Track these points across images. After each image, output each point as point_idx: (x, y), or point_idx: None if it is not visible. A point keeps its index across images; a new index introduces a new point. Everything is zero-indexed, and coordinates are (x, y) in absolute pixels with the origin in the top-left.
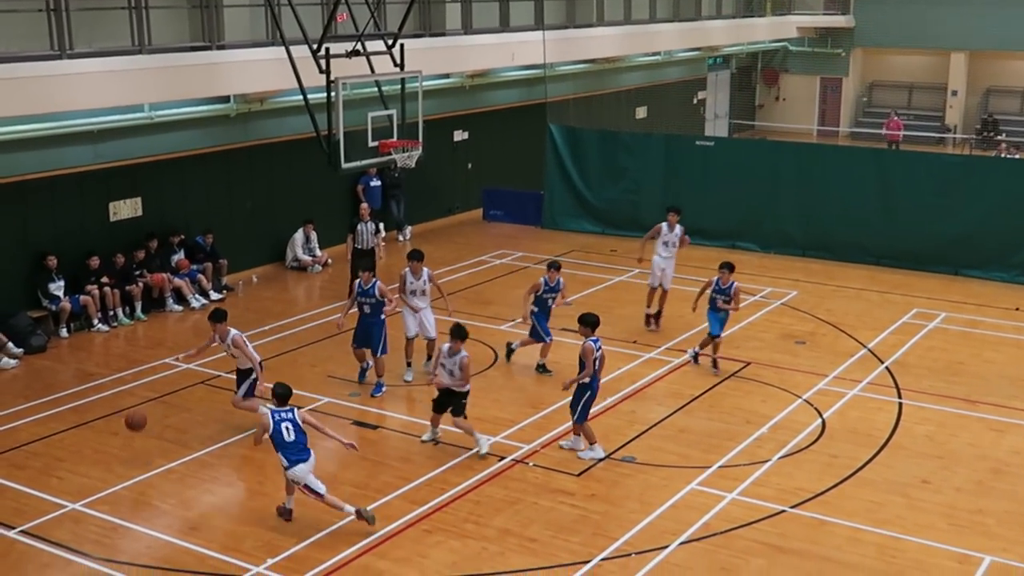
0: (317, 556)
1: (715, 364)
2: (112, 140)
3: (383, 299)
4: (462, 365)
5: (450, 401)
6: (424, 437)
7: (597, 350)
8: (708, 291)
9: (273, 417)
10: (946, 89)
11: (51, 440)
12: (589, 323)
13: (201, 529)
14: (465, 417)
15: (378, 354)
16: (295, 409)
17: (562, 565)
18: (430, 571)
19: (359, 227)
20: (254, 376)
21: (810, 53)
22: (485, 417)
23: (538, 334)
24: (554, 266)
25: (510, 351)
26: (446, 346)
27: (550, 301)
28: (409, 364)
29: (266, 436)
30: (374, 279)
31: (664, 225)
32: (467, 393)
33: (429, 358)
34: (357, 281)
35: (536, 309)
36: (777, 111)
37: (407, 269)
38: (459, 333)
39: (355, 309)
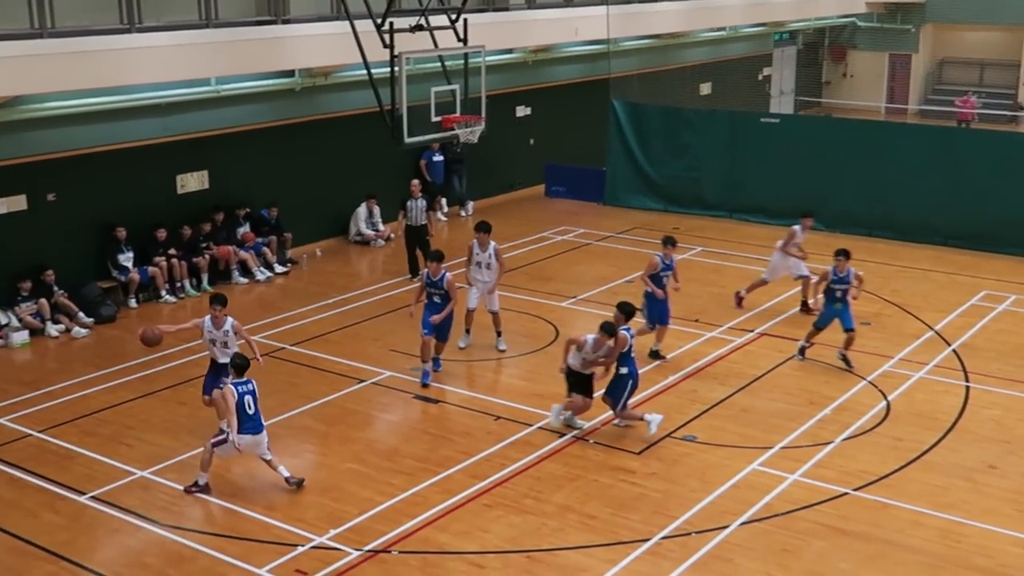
0: (379, 528)
1: (846, 359)
2: (179, 113)
3: (450, 291)
4: (608, 354)
5: (579, 383)
6: (553, 423)
7: (631, 338)
8: (825, 283)
9: (236, 389)
10: (1019, 66)
11: (120, 408)
12: (627, 312)
13: (265, 498)
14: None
15: (443, 341)
16: (252, 381)
17: (621, 543)
18: (490, 545)
19: (409, 203)
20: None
21: (879, 29)
22: (546, 393)
23: (652, 317)
24: (669, 242)
25: (658, 355)
26: (591, 337)
27: (665, 280)
28: (467, 331)
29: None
30: (443, 270)
31: (798, 228)
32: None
33: (499, 334)
34: (425, 271)
35: (650, 289)
36: (844, 88)
37: (474, 240)
38: (610, 329)
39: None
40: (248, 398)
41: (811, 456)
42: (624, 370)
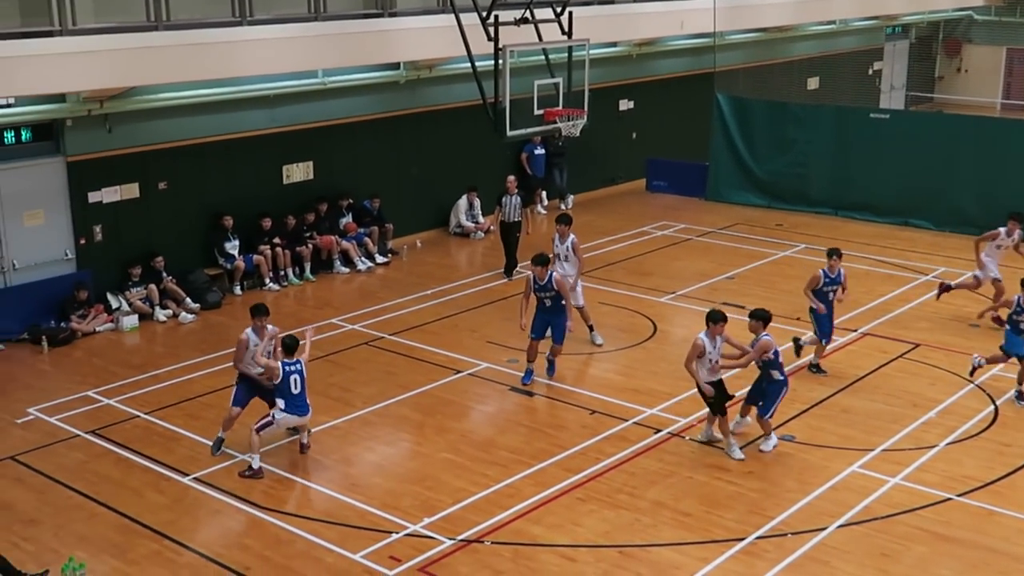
0: (472, 518)
1: (1021, 396)
2: (286, 105)
3: (560, 291)
4: (742, 356)
5: (723, 395)
6: (737, 455)
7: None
8: (1007, 310)
9: (284, 368)
10: None
11: (224, 392)
12: (763, 318)
13: (361, 485)
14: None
15: (558, 344)
16: (301, 361)
17: (716, 541)
18: (582, 539)
19: (504, 199)
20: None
21: (996, 22)
22: (642, 389)
23: (823, 331)
24: (835, 253)
25: (799, 347)
26: (703, 335)
27: (831, 295)
28: None
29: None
30: (549, 271)
31: (1003, 230)
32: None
33: (591, 328)
34: (530, 275)
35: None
36: (958, 83)
37: (555, 233)
38: (716, 316)
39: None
40: (295, 377)
41: (914, 460)
42: (780, 376)
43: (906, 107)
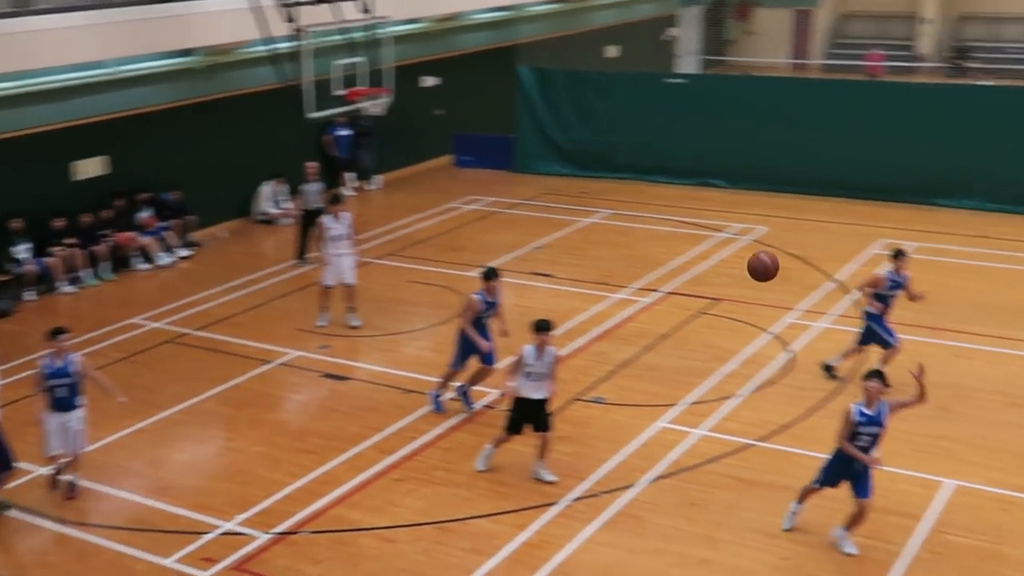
0: (287, 509)
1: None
2: (76, 97)
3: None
4: (555, 361)
5: (533, 415)
6: (478, 465)
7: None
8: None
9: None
10: (916, 18)
11: (19, 405)
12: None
13: (171, 488)
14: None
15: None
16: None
17: (533, 507)
18: (401, 519)
19: (302, 187)
20: None
21: None
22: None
23: (878, 337)
24: (900, 255)
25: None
26: (530, 347)
27: (890, 298)
28: (324, 308)
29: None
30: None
31: None
32: (548, 400)
33: (352, 309)
34: (478, 294)
35: (873, 308)
36: (749, 45)
37: (328, 216)
38: (545, 326)
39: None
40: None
41: (717, 410)
42: None
43: (701, 71)
